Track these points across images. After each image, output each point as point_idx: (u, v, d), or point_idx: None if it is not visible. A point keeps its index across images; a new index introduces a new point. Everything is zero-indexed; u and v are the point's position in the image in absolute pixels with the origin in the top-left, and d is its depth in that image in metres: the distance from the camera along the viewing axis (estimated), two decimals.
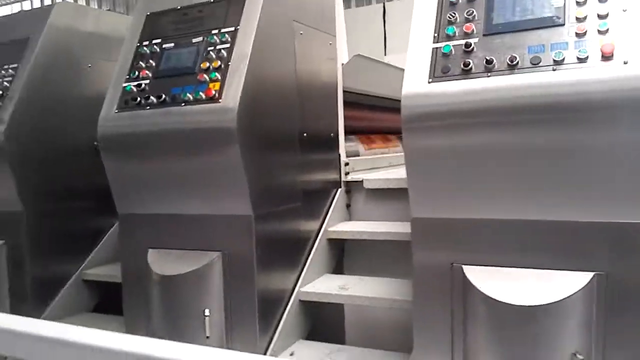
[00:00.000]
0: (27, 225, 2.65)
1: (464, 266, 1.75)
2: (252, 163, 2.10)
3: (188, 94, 2.16)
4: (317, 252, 2.57)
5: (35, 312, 2.68)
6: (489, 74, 1.66)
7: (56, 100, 2.82)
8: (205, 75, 2.16)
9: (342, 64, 2.94)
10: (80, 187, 2.92)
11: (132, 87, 2.31)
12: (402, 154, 2.57)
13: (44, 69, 2.74)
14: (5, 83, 2.67)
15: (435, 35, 1.78)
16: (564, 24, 1.62)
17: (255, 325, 2.12)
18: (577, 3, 1.63)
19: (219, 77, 2.13)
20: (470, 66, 1.68)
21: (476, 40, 1.72)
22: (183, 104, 2.16)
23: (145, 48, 2.39)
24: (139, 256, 2.32)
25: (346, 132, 2.95)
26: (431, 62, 1.75)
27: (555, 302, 1.62)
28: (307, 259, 2.52)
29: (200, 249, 2.21)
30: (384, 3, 5.80)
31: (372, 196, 2.83)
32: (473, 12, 1.76)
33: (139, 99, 2.26)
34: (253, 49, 2.14)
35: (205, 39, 2.25)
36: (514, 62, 1.63)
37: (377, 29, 6.70)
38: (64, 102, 2.87)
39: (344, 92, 2.92)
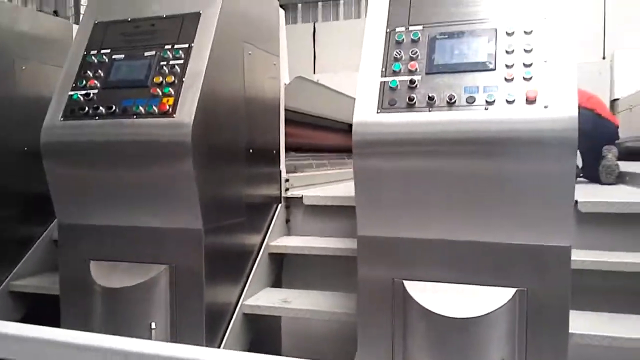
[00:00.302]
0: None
1: (404, 281, 1.92)
2: (204, 177, 2.16)
3: (140, 107, 2.18)
4: (259, 266, 2.65)
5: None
6: (430, 109, 1.84)
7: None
8: (158, 90, 2.19)
9: (285, 84, 3.06)
10: (8, 192, 2.81)
11: (80, 96, 2.28)
12: (339, 171, 2.69)
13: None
14: (176, 67, 2.31)
15: (383, 70, 1.95)
16: (495, 69, 1.85)
17: (202, 339, 2.17)
18: (506, 52, 1.86)
19: (172, 92, 2.17)
20: (414, 101, 1.86)
21: (419, 77, 1.90)
22: (135, 117, 2.18)
23: (93, 57, 2.37)
24: (80, 268, 2.29)
25: (287, 149, 3.07)
26: (379, 94, 1.92)
27: (484, 314, 1.82)
28: (250, 272, 2.59)
29: (147, 262, 2.22)
30: (314, 23, 6.00)
31: (310, 212, 2.96)
32: (417, 52, 1.95)
33: (87, 108, 2.24)
34: (207, 67, 2.20)
35: (158, 53, 2.28)
36: (452, 100, 1.82)
37: (307, 47, 6.89)
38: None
39: (286, 110, 3.04)
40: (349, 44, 5.64)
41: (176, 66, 2.22)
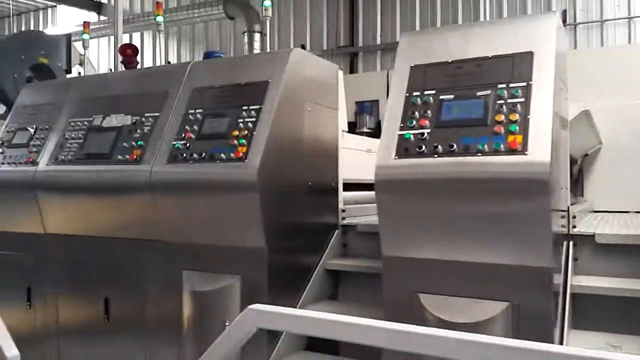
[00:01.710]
0: (267, 262, 2.81)
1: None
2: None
3: (484, 145, 2.27)
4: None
5: (263, 347, 2.83)
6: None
7: (288, 140, 2.99)
8: (502, 128, 2.28)
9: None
10: (296, 224, 3.10)
11: (412, 135, 2.42)
12: None
13: (281, 111, 2.91)
14: (249, 124, 2.89)
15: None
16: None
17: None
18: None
19: (518, 130, 2.24)
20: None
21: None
22: (479, 154, 2.27)
23: (417, 98, 2.50)
24: (405, 299, 2.46)
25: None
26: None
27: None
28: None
29: (486, 298, 2.31)
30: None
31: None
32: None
33: (423, 147, 2.36)
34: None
35: (494, 92, 2.37)
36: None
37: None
38: (292, 142, 3.03)
39: None
40: None
41: (518, 104, 2.29)
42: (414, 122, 2.46)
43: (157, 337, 3.14)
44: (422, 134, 2.41)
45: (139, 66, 4.05)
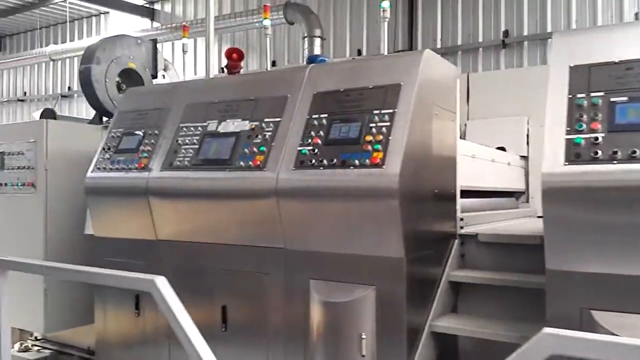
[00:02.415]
0: (406, 272, 2.69)
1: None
2: None
3: None
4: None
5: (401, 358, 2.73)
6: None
7: (420, 145, 2.85)
8: None
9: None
10: (424, 233, 2.96)
11: (583, 140, 2.28)
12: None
13: (414, 114, 2.77)
14: (383, 128, 2.76)
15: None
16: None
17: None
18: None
19: None
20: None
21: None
22: None
23: (582, 100, 2.36)
24: (572, 316, 2.31)
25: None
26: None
27: None
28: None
29: None
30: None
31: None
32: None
33: (597, 152, 2.22)
34: None
35: None
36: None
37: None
38: (424, 147, 2.89)
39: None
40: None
41: None
42: (584, 126, 2.31)
43: (281, 346, 3.05)
44: (596, 138, 2.26)
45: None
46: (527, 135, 5.72)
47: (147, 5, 13.25)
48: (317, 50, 9.01)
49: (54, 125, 4.27)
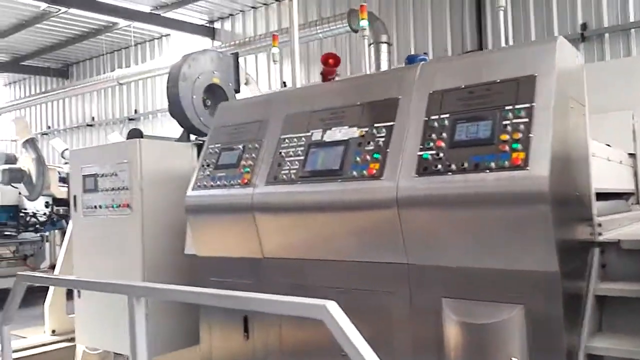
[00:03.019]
0: (561, 288, 2.38)
1: None
2: None
3: None
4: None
5: None
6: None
7: (562, 142, 2.55)
8: None
9: None
10: (574, 241, 2.69)
11: None
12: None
13: (555, 108, 2.48)
14: (521, 125, 2.48)
15: None
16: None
17: None
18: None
19: None
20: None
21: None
22: None
23: None
24: None
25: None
26: None
27: None
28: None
29: None
30: None
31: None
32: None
33: None
34: None
35: None
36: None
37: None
38: (565, 144, 2.59)
39: None
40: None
41: None
42: None
43: None
44: None
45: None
46: (633, 131, 5.24)
47: (207, 25, 13.45)
48: (384, 57, 8.78)
49: (147, 145, 4.20)
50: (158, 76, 13.41)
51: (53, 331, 6.11)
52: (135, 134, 4.91)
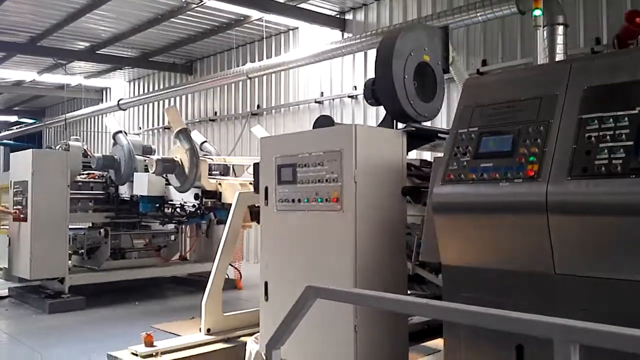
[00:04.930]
0: None
1: None
2: None
3: None
4: None
5: None
6: None
7: None
8: None
9: None
10: None
11: None
12: None
13: None
14: None
15: None
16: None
17: None
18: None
19: None
20: None
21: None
22: None
23: None
24: None
25: None
26: None
27: None
28: None
29: None
30: None
31: None
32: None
33: None
34: None
35: None
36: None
37: None
38: None
39: None
40: None
41: None
42: None
43: None
44: None
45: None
46: None
47: (338, 16, 12.93)
48: (559, 40, 7.69)
49: (362, 131, 3.60)
50: (283, 70, 13.11)
51: (208, 330, 5.81)
52: (325, 121, 4.35)
